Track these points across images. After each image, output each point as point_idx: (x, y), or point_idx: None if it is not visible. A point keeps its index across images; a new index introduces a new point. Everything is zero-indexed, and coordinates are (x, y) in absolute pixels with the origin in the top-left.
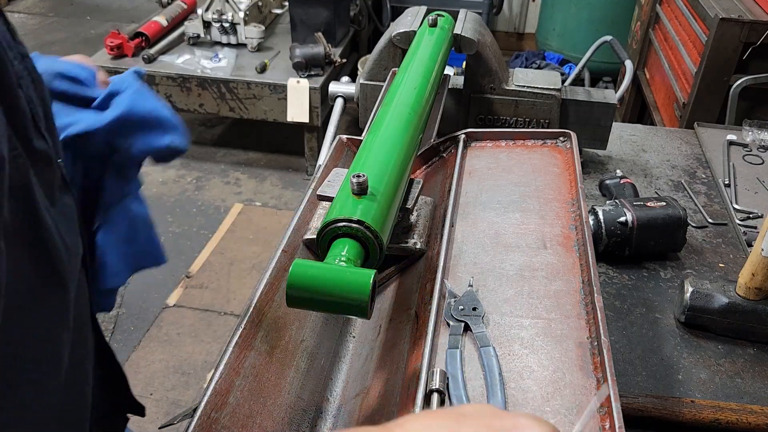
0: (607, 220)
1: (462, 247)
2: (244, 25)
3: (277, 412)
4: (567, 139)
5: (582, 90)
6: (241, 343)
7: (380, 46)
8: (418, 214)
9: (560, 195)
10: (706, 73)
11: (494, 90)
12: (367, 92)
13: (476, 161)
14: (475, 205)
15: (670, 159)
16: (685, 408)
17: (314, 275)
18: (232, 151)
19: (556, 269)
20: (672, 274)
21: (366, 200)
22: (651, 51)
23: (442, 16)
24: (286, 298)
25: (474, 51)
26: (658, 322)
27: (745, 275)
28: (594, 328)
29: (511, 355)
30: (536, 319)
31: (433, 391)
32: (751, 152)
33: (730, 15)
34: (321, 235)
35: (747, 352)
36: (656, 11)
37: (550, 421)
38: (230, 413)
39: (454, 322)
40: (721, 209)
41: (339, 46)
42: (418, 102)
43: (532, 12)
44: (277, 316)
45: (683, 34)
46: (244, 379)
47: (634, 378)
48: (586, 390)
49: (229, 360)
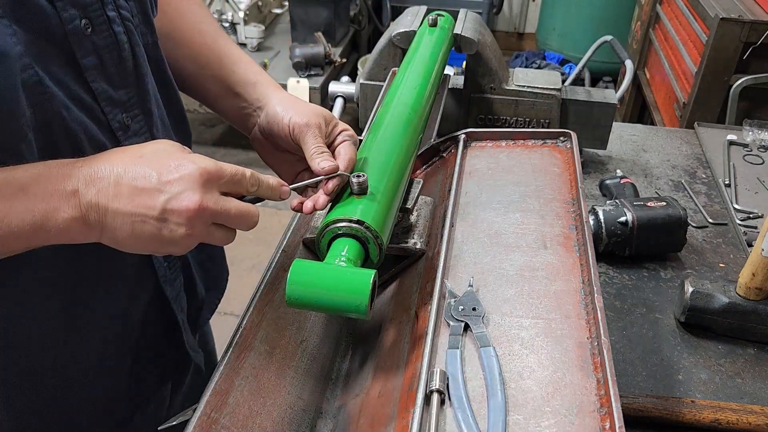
0: (607, 220)
1: (462, 247)
2: (244, 24)
3: (277, 412)
4: (567, 139)
5: (582, 90)
6: (241, 343)
7: (380, 46)
8: (418, 214)
9: (560, 195)
10: (706, 73)
11: (494, 90)
12: (367, 92)
13: (476, 161)
14: (475, 205)
15: (671, 159)
16: (685, 408)
17: (314, 275)
18: (232, 151)
19: (556, 269)
20: (672, 274)
21: (366, 200)
22: (651, 51)
23: (442, 16)
24: (286, 298)
25: (474, 51)
26: (658, 322)
27: (745, 275)
28: (594, 328)
29: (511, 355)
30: (536, 319)
31: (433, 392)
32: (751, 152)
33: (730, 15)
34: (321, 235)
35: (747, 352)
36: (656, 11)
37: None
38: (230, 413)
39: (454, 322)
40: (722, 209)
41: (339, 46)
42: (418, 102)
43: (532, 12)
44: (277, 316)
45: (683, 33)
46: (244, 379)
47: (634, 378)
48: (587, 390)
49: (229, 360)
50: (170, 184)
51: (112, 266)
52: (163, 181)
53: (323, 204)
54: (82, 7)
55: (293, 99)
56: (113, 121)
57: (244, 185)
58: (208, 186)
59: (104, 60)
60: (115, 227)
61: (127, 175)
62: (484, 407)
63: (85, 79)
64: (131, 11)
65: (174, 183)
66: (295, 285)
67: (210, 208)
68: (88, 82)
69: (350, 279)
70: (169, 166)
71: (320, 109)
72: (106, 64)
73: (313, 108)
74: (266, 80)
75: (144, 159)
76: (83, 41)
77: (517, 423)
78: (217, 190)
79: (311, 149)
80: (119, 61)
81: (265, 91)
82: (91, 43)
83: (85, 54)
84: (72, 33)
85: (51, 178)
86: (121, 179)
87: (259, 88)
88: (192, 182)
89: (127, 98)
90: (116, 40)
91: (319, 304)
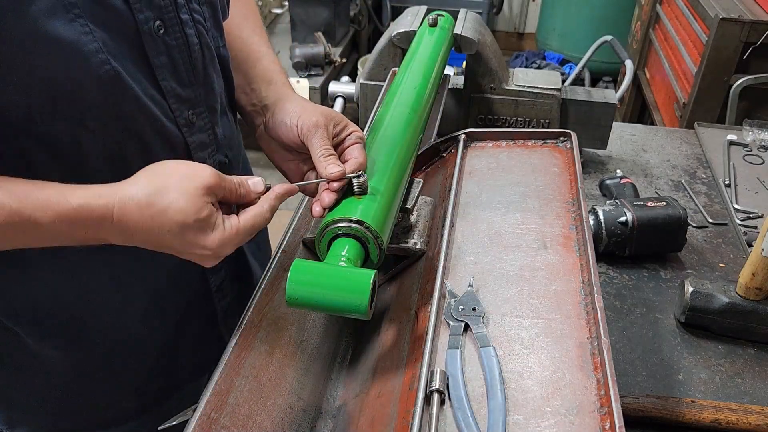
0: (607, 220)
1: (462, 247)
2: None
3: (277, 412)
4: (567, 139)
5: (582, 90)
6: (241, 343)
7: (380, 46)
8: (418, 214)
9: (560, 195)
10: (706, 73)
11: (494, 90)
12: (367, 92)
13: (476, 161)
14: (475, 205)
15: (671, 159)
16: (685, 408)
17: (314, 275)
18: None
19: (556, 269)
20: (672, 274)
21: (366, 200)
22: (651, 51)
23: (442, 16)
24: (286, 298)
25: (474, 51)
26: (658, 322)
27: (745, 275)
28: (594, 328)
29: (511, 355)
30: (536, 319)
31: (433, 392)
32: (751, 152)
33: (730, 15)
34: (321, 235)
35: (747, 352)
36: (656, 11)
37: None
38: (230, 413)
39: (454, 322)
40: (722, 209)
41: (339, 46)
42: (418, 102)
43: (532, 12)
44: (277, 316)
45: (683, 33)
46: (244, 379)
47: (634, 378)
48: (587, 390)
49: (229, 360)
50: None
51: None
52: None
53: (330, 202)
54: (157, 8)
55: (302, 100)
56: (180, 117)
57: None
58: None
59: (175, 60)
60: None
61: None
62: (484, 407)
63: (155, 76)
64: (203, 15)
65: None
66: (295, 285)
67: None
68: (158, 80)
69: (350, 279)
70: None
71: (329, 111)
72: (177, 64)
73: (322, 110)
74: (281, 81)
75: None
76: (156, 41)
77: (517, 423)
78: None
79: (318, 152)
80: (189, 61)
81: (276, 90)
82: (164, 44)
83: (157, 54)
84: (146, 33)
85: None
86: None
87: (272, 88)
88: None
89: (194, 96)
90: (187, 41)
91: (319, 304)
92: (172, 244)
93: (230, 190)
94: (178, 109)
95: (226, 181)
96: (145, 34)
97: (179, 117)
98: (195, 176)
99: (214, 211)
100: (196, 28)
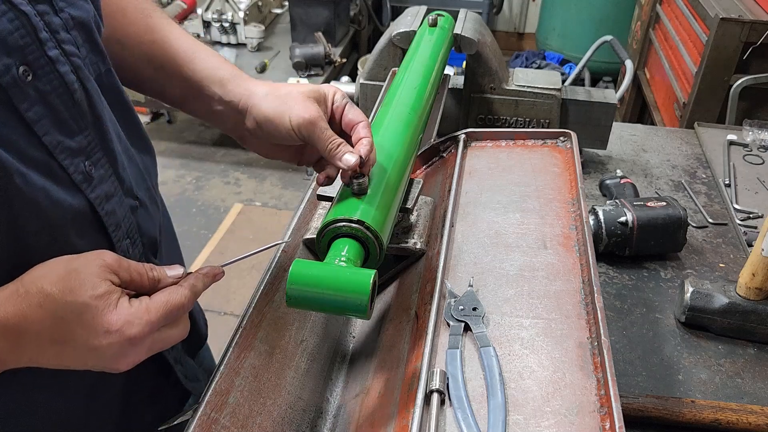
0: (607, 220)
1: (462, 247)
2: (243, 24)
3: (277, 412)
4: (567, 139)
5: (582, 90)
6: (241, 343)
7: (380, 46)
8: (418, 214)
9: (560, 195)
10: (706, 73)
11: (494, 90)
12: (367, 92)
13: (476, 161)
14: (475, 205)
15: (671, 159)
16: (685, 408)
17: (314, 275)
18: (232, 150)
19: (556, 269)
20: (672, 274)
21: (366, 200)
22: (651, 51)
23: (442, 16)
24: (286, 298)
25: (474, 51)
26: (658, 322)
27: (745, 275)
28: (594, 328)
29: (511, 355)
30: (536, 319)
31: (433, 391)
32: (751, 152)
33: (730, 15)
34: (321, 235)
35: (747, 352)
36: (656, 11)
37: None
38: (230, 413)
39: (454, 322)
40: (722, 209)
41: (339, 46)
42: (418, 102)
43: (532, 12)
44: (277, 316)
45: (683, 33)
46: (244, 379)
47: (634, 378)
48: (587, 390)
49: (229, 360)
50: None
51: None
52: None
53: (368, 151)
54: (17, 51)
55: (276, 92)
56: (75, 174)
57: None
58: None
59: (54, 107)
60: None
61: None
62: (484, 407)
63: (34, 133)
64: (76, 42)
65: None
66: (295, 285)
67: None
68: (38, 136)
69: (350, 279)
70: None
71: (312, 92)
72: (57, 112)
73: (304, 94)
74: (233, 75)
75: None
76: (25, 91)
77: (517, 423)
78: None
79: (327, 146)
80: (72, 104)
81: (238, 90)
82: (36, 91)
83: (30, 105)
84: (10, 84)
85: None
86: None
87: (230, 87)
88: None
89: (87, 143)
90: (64, 81)
91: (319, 304)
92: (74, 335)
93: (137, 271)
94: (71, 164)
95: (130, 262)
96: (10, 85)
97: (74, 174)
98: (86, 263)
99: (116, 289)
100: (71, 62)
